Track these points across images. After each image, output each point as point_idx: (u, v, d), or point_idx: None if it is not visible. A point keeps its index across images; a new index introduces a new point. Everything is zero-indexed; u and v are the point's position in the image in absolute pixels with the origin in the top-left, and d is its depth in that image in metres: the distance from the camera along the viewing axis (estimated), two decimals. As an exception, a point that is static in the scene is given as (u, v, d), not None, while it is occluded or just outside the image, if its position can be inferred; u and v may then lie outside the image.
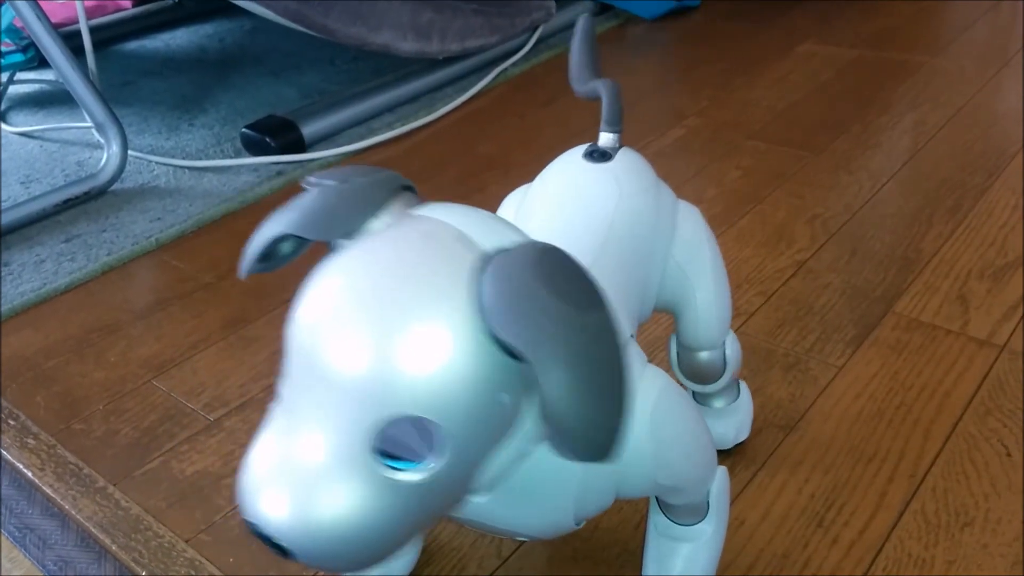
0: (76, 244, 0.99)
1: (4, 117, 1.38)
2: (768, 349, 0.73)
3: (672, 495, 0.46)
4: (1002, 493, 0.58)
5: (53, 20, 1.10)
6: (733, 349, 0.58)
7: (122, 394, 0.75)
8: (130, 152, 1.16)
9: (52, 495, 0.65)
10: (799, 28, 1.45)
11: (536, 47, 1.45)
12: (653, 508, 0.50)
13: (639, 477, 0.42)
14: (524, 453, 0.35)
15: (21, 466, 0.68)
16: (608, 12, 1.58)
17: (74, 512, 0.63)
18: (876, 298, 0.78)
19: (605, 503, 0.42)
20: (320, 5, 1.16)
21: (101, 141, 1.11)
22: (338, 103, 1.23)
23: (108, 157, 1.10)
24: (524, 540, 0.57)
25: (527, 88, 1.32)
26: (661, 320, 0.77)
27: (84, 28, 1.23)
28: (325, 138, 1.20)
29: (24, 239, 1.01)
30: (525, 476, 0.39)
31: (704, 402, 0.62)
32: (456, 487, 0.33)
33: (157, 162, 1.17)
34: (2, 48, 1.53)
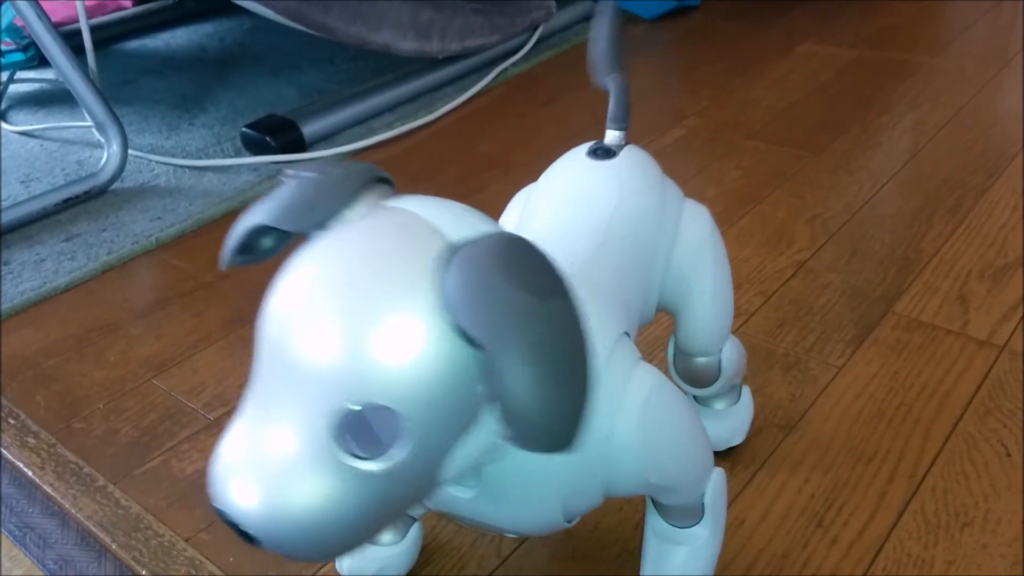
0: (76, 243, 0.99)
1: (4, 116, 1.38)
2: (768, 349, 0.73)
3: (665, 495, 0.46)
4: (1002, 493, 0.58)
5: (53, 19, 1.10)
6: (730, 356, 0.57)
7: (122, 393, 0.75)
8: (130, 151, 1.16)
9: (52, 494, 0.65)
10: (799, 28, 1.45)
11: (536, 46, 1.45)
12: (650, 510, 0.50)
13: (628, 475, 0.41)
14: (495, 445, 0.35)
15: (21, 465, 0.68)
16: (608, 12, 1.58)
17: (74, 511, 0.63)
18: (876, 298, 0.78)
19: (594, 501, 0.42)
20: (320, 4, 1.16)
21: (101, 140, 1.11)
22: (338, 102, 1.23)
23: (108, 156, 1.10)
24: (514, 536, 0.57)
25: (527, 88, 1.32)
26: (661, 320, 0.77)
27: (84, 27, 1.23)
28: (325, 137, 1.20)
29: (24, 238, 1.01)
30: (509, 471, 0.39)
31: (705, 403, 0.61)
32: (421, 478, 0.33)
33: (157, 161, 1.17)
34: (2, 47, 1.53)
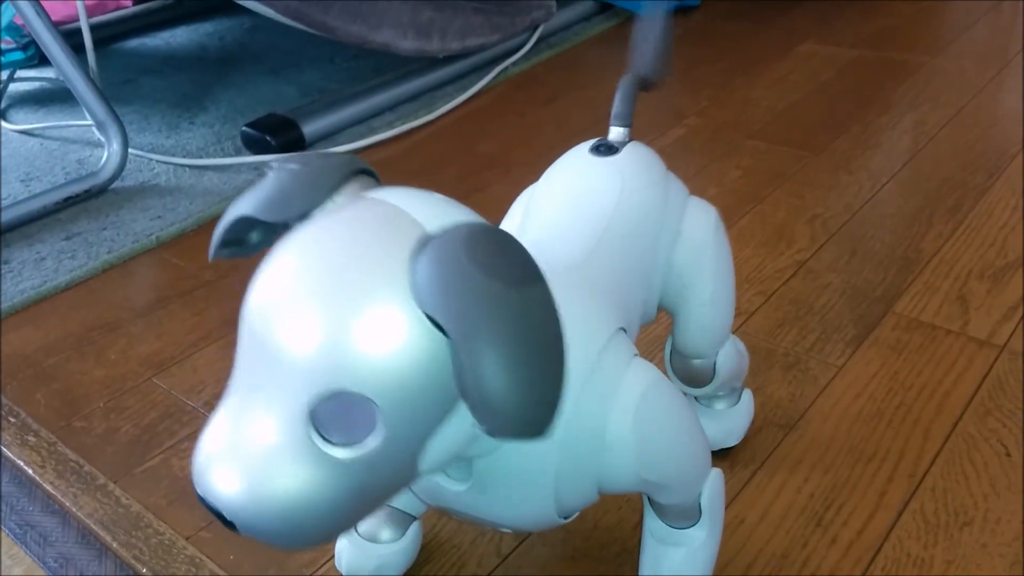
0: (76, 242, 0.99)
1: (4, 115, 1.38)
2: (768, 349, 0.73)
3: (660, 493, 0.45)
4: (1001, 493, 0.58)
5: (53, 18, 1.10)
6: (728, 359, 0.56)
7: (122, 392, 0.75)
8: (130, 150, 1.16)
9: (53, 492, 0.65)
10: (799, 28, 1.45)
11: (537, 46, 1.45)
12: (647, 511, 0.49)
13: (622, 472, 0.41)
14: (477, 437, 0.35)
15: (22, 463, 0.68)
16: (609, 11, 1.58)
17: (75, 509, 0.63)
18: (876, 298, 0.78)
19: (588, 496, 0.42)
20: (320, 3, 1.16)
21: (101, 139, 1.11)
22: (338, 101, 1.23)
23: (108, 155, 1.10)
24: (510, 532, 0.57)
25: (528, 87, 1.32)
26: (661, 319, 0.77)
27: (84, 26, 1.23)
28: (325, 137, 1.20)
29: (24, 237, 1.01)
30: (500, 465, 0.39)
31: (705, 403, 0.61)
32: (399, 467, 0.33)
33: (157, 160, 1.17)
34: (2, 46, 1.53)
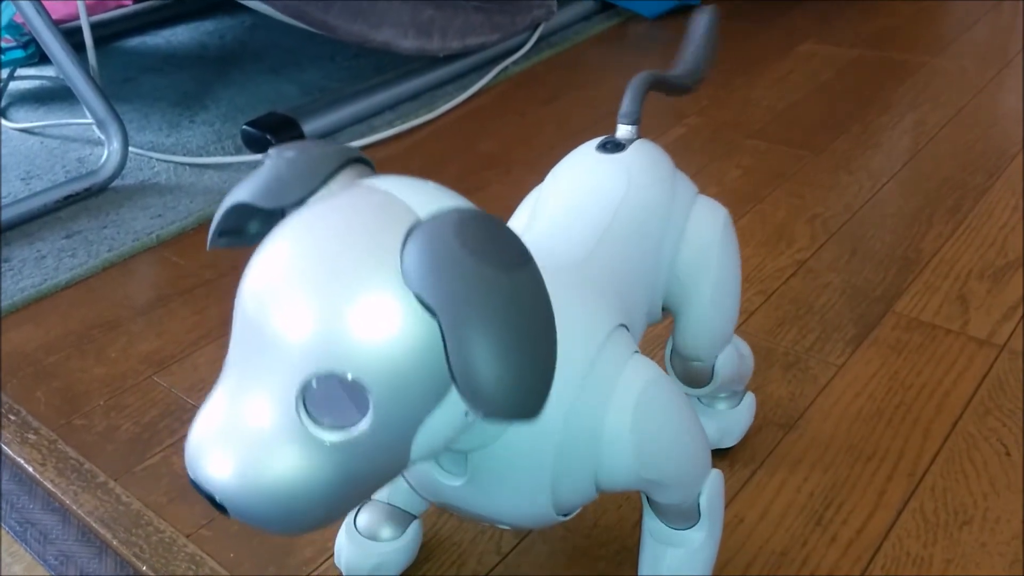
0: (77, 240, 0.99)
1: (5, 113, 1.38)
2: (768, 348, 0.73)
3: (659, 492, 0.45)
4: (1001, 492, 0.58)
5: (54, 16, 1.10)
6: (728, 363, 0.56)
7: (123, 390, 0.75)
8: (131, 149, 1.16)
9: (53, 490, 0.65)
10: (799, 28, 1.45)
11: (537, 45, 1.45)
12: (646, 511, 0.49)
13: (620, 469, 0.41)
14: (468, 425, 0.35)
15: (22, 461, 0.68)
16: (610, 10, 1.58)
17: (75, 507, 0.63)
18: (876, 298, 0.78)
19: (586, 493, 0.42)
20: (321, 2, 1.16)
21: (102, 138, 1.11)
22: (339, 100, 1.23)
23: (109, 154, 1.10)
24: (508, 528, 0.57)
25: (528, 86, 1.32)
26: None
27: (85, 24, 1.23)
28: (326, 135, 1.20)
29: (25, 235, 1.01)
30: (496, 459, 0.39)
31: (706, 402, 0.61)
32: (390, 453, 0.33)
33: (158, 159, 1.17)
34: (3, 44, 1.53)
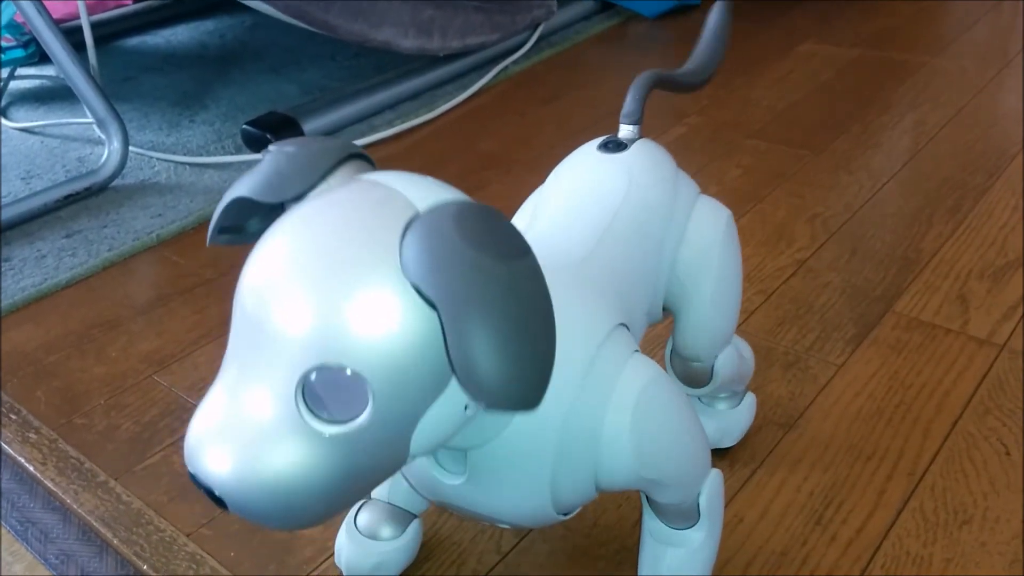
0: (77, 240, 0.99)
1: (5, 113, 1.38)
2: (768, 347, 0.73)
3: (658, 491, 0.45)
4: (1001, 492, 0.58)
5: (54, 15, 1.10)
6: (728, 364, 0.55)
7: (123, 389, 0.75)
8: (131, 148, 1.16)
9: (53, 489, 0.65)
10: (799, 28, 1.45)
11: (537, 44, 1.45)
12: (646, 511, 0.49)
13: (619, 468, 0.41)
14: (468, 420, 0.35)
15: (23, 460, 0.68)
16: (610, 10, 1.58)
17: (75, 506, 0.63)
18: (876, 297, 0.78)
19: (586, 492, 0.42)
20: (321, 1, 1.16)
21: (102, 137, 1.11)
22: (339, 100, 1.23)
23: (109, 153, 1.10)
24: (508, 527, 0.57)
25: (528, 86, 1.32)
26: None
27: (85, 24, 1.23)
28: (326, 135, 1.20)
29: (25, 235, 1.01)
30: (495, 457, 0.39)
31: (707, 401, 0.61)
32: (390, 447, 0.33)
33: (158, 158, 1.17)
34: (3, 44, 1.53)
